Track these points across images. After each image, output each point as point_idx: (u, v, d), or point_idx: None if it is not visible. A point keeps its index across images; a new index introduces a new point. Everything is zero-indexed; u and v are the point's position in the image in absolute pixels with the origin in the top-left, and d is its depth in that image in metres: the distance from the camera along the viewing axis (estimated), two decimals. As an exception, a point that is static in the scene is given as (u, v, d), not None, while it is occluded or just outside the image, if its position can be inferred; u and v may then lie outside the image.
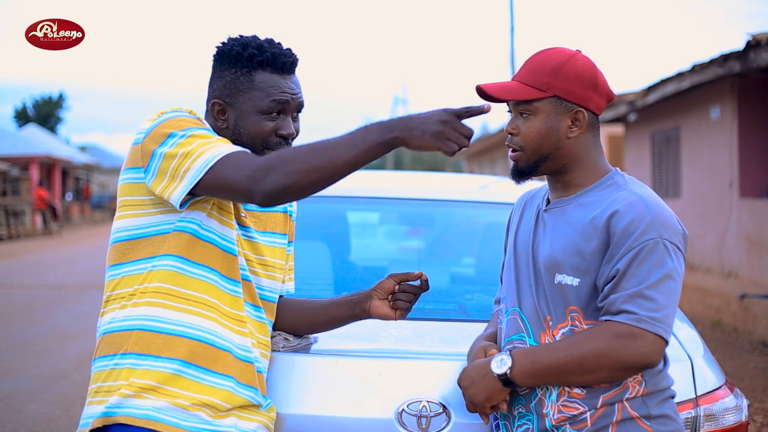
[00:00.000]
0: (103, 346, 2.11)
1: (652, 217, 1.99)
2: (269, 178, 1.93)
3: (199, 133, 2.03)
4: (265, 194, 1.95)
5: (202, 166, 1.98)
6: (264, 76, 2.14)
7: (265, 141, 2.15)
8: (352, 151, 1.94)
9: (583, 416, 2.03)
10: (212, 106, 2.17)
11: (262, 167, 1.94)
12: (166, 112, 2.12)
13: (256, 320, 2.20)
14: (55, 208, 32.51)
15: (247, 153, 2.01)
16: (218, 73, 2.18)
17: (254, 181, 1.94)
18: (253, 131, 2.14)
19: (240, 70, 2.14)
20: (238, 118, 2.15)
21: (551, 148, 2.10)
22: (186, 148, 2.00)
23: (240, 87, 2.14)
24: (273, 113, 2.15)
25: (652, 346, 1.95)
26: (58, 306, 11.02)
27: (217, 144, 2.01)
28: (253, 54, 2.13)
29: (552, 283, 2.07)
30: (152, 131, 2.05)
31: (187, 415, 2.04)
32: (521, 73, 2.13)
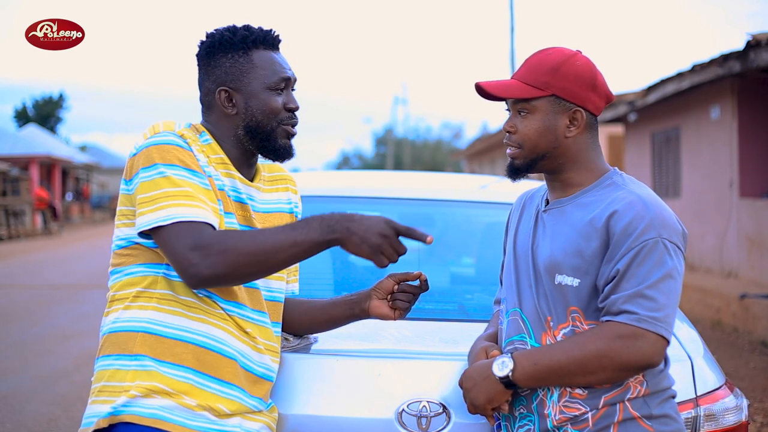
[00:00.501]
0: (107, 345, 2.11)
1: (652, 217, 1.99)
2: (207, 262, 1.97)
3: (174, 176, 2.03)
4: (198, 278, 1.99)
5: (155, 220, 2.00)
6: (261, 54, 2.19)
7: (278, 116, 2.18)
8: (291, 249, 2.00)
9: (584, 416, 2.03)
10: (219, 94, 2.18)
11: (205, 248, 1.97)
12: (158, 131, 2.13)
13: (261, 326, 2.20)
14: (55, 208, 32.52)
15: (200, 226, 2.00)
16: (213, 64, 2.19)
17: (192, 261, 1.97)
18: (266, 108, 2.17)
19: (236, 53, 2.17)
20: (248, 99, 2.17)
21: (549, 147, 2.10)
22: (153, 192, 2.02)
23: (242, 69, 2.17)
24: (279, 89, 2.19)
25: (653, 346, 1.95)
26: (58, 306, 11.03)
27: (180, 201, 2.01)
28: (245, 35, 2.18)
29: (552, 284, 2.07)
30: (142, 152, 2.07)
31: (193, 415, 2.04)
32: (520, 71, 2.14)
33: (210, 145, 2.18)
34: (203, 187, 2.06)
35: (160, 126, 2.16)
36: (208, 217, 2.01)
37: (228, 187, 2.16)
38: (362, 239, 1.97)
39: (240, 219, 2.17)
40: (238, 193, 2.19)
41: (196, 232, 1.98)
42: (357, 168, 61.24)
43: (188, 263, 1.97)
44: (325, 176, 4.27)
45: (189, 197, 2.02)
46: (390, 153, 54.37)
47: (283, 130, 2.20)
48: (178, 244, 1.98)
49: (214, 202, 2.07)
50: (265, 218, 2.25)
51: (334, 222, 1.99)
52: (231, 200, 2.16)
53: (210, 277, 1.99)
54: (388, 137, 57.82)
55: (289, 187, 2.37)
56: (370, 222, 1.99)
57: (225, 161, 2.18)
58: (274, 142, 2.19)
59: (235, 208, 2.17)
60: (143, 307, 2.08)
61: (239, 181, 2.20)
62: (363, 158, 64.97)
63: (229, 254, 1.97)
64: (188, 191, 2.03)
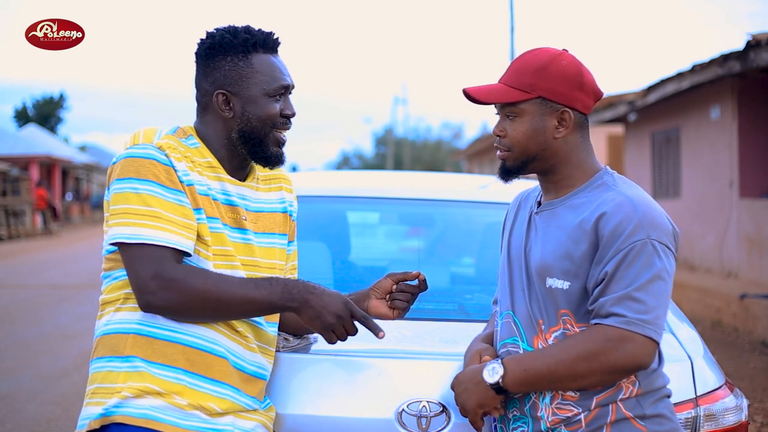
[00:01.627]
0: (100, 347, 2.12)
1: (640, 218, 1.98)
2: (163, 294, 2.00)
3: (145, 194, 2.03)
4: (150, 306, 2.03)
5: (120, 235, 2.02)
6: (261, 59, 2.17)
7: (273, 123, 2.18)
8: (247, 305, 2.05)
9: (577, 418, 2.02)
10: (216, 97, 2.16)
11: (165, 281, 2.00)
12: (137, 142, 2.14)
13: (254, 325, 2.19)
14: (55, 208, 32.51)
15: (163, 252, 2.01)
16: (212, 66, 2.17)
17: (149, 288, 2.00)
18: (263, 114, 2.16)
19: (236, 56, 2.16)
20: (245, 104, 2.16)
21: (538, 149, 2.10)
22: (122, 206, 2.04)
23: (242, 73, 2.15)
24: (278, 95, 2.18)
25: (642, 349, 1.94)
26: (58, 306, 11.03)
27: (146, 221, 2.02)
28: (245, 38, 2.16)
29: (543, 287, 2.07)
30: (119, 162, 2.08)
31: (185, 415, 2.04)
32: (506, 75, 2.13)
33: (198, 149, 2.17)
34: (176, 204, 2.06)
35: (140, 135, 2.17)
36: (174, 241, 2.03)
37: (216, 190, 2.15)
38: (317, 314, 2.06)
39: (230, 222, 2.16)
40: (227, 196, 2.18)
41: (158, 259, 2.00)
42: (357, 168, 61.23)
43: (145, 289, 2.00)
44: (325, 176, 4.27)
45: (156, 218, 2.02)
46: (390, 153, 54.37)
47: (274, 137, 2.18)
48: (139, 267, 2.01)
49: (187, 218, 2.07)
50: (258, 217, 2.25)
51: (296, 291, 2.06)
52: (219, 203, 2.15)
53: (162, 308, 2.04)
54: (388, 137, 57.82)
55: (283, 187, 2.36)
56: (330, 300, 2.07)
57: (213, 164, 2.17)
58: (266, 149, 2.19)
59: (223, 211, 2.16)
60: (133, 309, 2.09)
61: (229, 183, 2.19)
62: (363, 158, 64.97)
63: (186, 295, 2.01)
64: (156, 212, 2.03)
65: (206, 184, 2.14)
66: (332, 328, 2.07)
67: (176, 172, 2.08)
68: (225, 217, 2.16)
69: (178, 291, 2.00)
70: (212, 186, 2.15)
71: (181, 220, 2.05)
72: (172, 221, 2.03)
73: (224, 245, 2.13)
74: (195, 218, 2.08)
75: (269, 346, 2.24)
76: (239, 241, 2.17)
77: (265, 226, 2.26)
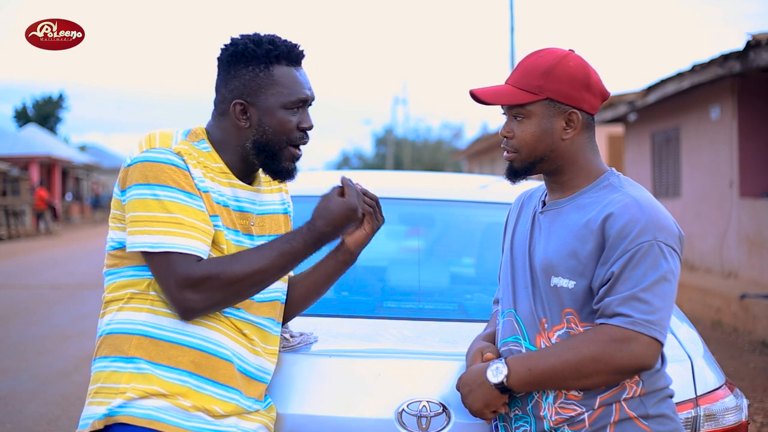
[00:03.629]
0: (104, 347, 2.11)
1: (647, 220, 1.98)
2: (201, 296, 2.02)
3: (166, 200, 2.03)
4: (193, 311, 2.04)
5: (144, 244, 2.03)
6: (282, 71, 2.15)
7: (289, 136, 2.16)
8: (287, 259, 2.12)
9: (580, 417, 2.03)
10: (234, 107, 2.14)
11: (197, 284, 2.01)
12: (154, 146, 2.11)
13: (260, 328, 2.19)
14: (55, 208, 32.51)
15: (189, 259, 2.02)
16: (232, 73, 2.15)
17: (185, 297, 2.01)
18: (278, 128, 2.15)
19: (257, 66, 2.13)
20: (262, 115, 2.14)
21: (546, 150, 2.10)
22: (144, 213, 2.03)
23: (261, 84, 2.13)
24: (295, 108, 2.16)
25: (647, 349, 1.94)
26: (58, 306, 11.03)
27: (169, 228, 2.01)
28: (268, 49, 2.13)
29: (548, 286, 2.07)
30: (137, 166, 2.06)
31: (188, 416, 2.04)
32: (513, 76, 2.13)
33: (209, 154, 2.15)
34: (196, 209, 2.05)
35: (156, 138, 2.13)
36: (197, 248, 2.03)
37: (227, 197, 2.15)
38: (338, 219, 2.14)
39: (240, 228, 2.17)
40: (239, 202, 2.18)
41: (185, 266, 2.00)
42: (357, 168, 61.23)
43: (181, 300, 2.02)
44: (326, 176, 4.26)
45: (179, 225, 2.02)
46: (390, 153, 54.37)
47: (290, 152, 2.17)
48: (168, 278, 2.01)
49: (207, 223, 2.07)
50: (264, 220, 2.25)
51: (309, 225, 2.14)
52: (231, 210, 2.15)
53: (204, 309, 2.05)
54: (388, 137, 57.82)
55: (281, 187, 2.36)
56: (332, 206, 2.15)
57: (224, 170, 2.16)
58: (279, 164, 2.17)
59: (235, 218, 2.16)
60: (138, 309, 2.08)
61: (240, 188, 2.18)
62: (363, 158, 64.96)
63: (226, 287, 2.03)
64: (179, 218, 2.02)
65: (218, 191, 2.13)
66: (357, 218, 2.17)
67: (193, 178, 2.08)
68: (236, 224, 2.16)
69: (215, 287, 2.01)
70: (224, 192, 2.15)
71: (202, 225, 2.05)
72: (194, 227, 2.03)
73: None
74: (212, 224, 2.08)
75: (272, 346, 2.24)
76: (248, 247, 2.17)
77: (270, 228, 2.26)
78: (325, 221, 2.12)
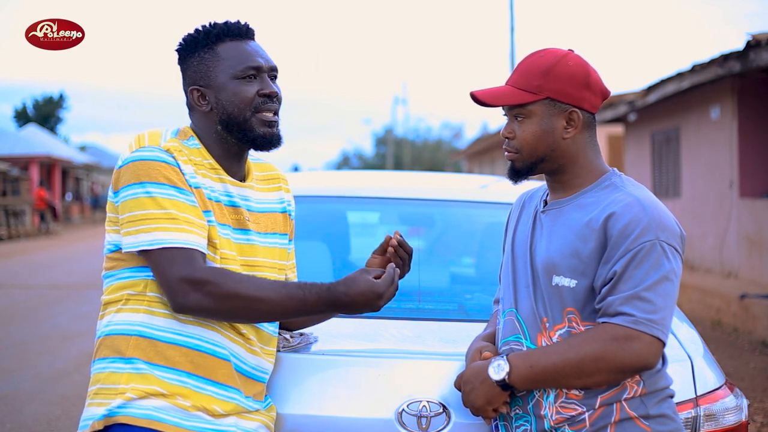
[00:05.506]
0: (102, 348, 2.12)
1: (650, 219, 1.98)
2: (196, 296, 1.99)
3: (159, 197, 2.03)
4: (184, 307, 2.02)
5: (140, 243, 2.02)
6: (227, 46, 2.16)
7: (251, 104, 2.15)
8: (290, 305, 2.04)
9: (581, 417, 2.03)
10: (191, 93, 2.18)
11: (195, 281, 1.99)
12: (143, 145, 2.12)
13: (257, 327, 2.19)
14: (55, 208, 32.52)
15: (190, 254, 2.00)
16: (185, 66, 2.19)
17: (181, 290, 1.99)
18: (236, 99, 2.14)
19: (202, 50, 2.16)
20: (218, 92, 2.15)
21: (547, 150, 2.10)
22: (137, 212, 2.02)
23: (209, 64, 2.16)
24: (248, 77, 2.16)
25: (649, 348, 1.94)
26: (58, 306, 11.03)
27: (164, 224, 2.01)
28: (207, 30, 2.17)
29: (549, 285, 2.07)
30: (128, 166, 2.07)
31: (188, 416, 2.04)
32: (513, 76, 2.13)
33: (199, 150, 2.16)
34: (189, 204, 2.05)
35: (145, 138, 2.14)
36: (195, 242, 2.02)
37: (219, 192, 2.15)
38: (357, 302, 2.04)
39: (233, 223, 2.17)
40: (230, 197, 2.18)
41: (186, 260, 1.99)
42: (357, 168, 61.25)
43: (176, 291, 2.00)
44: (325, 176, 4.27)
45: (173, 220, 2.02)
46: (390, 153, 54.37)
47: (257, 119, 2.15)
48: (167, 271, 2.00)
49: (200, 218, 2.06)
50: (259, 218, 2.25)
51: (331, 287, 2.05)
52: (223, 205, 2.15)
53: (195, 310, 2.03)
54: (388, 137, 57.82)
55: (281, 186, 2.36)
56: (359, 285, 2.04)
57: (214, 166, 2.17)
58: (252, 132, 2.16)
59: (227, 213, 2.15)
60: (135, 310, 2.09)
61: (230, 184, 2.19)
62: (363, 158, 64.97)
63: (221, 298, 2.00)
64: (172, 214, 2.02)
65: (210, 187, 2.14)
66: (376, 306, 2.05)
67: (184, 175, 2.08)
68: (229, 218, 2.16)
69: (211, 294, 1.99)
70: (215, 188, 2.15)
71: (196, 220, 2.05)
72: (188, 221, 2.03)
73: (230, 249, 2.13)
74: (206, 219, 2.09)
75: (270, 347, 2.24)
76: (242, 242, 2.17)
77: (266, 226, 2.26)
78: (346, 291, 2.04)
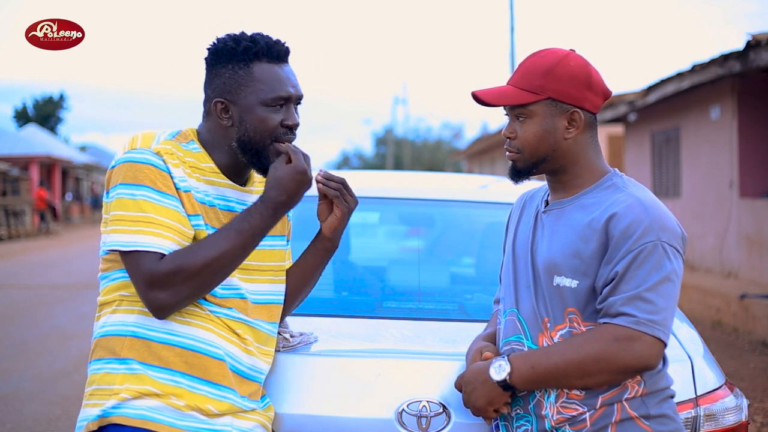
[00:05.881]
0: (98, 349, 2.12)
1: (651, 220, 1.98)
2: (163, 295, 2.00)
3: (141, 199, 2.03)
4: (156, 307, 2.03)
5: (116, 243, 2.03)
6: (262, 68, 2.13)
7: (272, 133, 2.14)
8: (248, 238, 2.07)
9: (582, 417, 2.03)
10: (215, 105, 2.15)
11: (161, 277, 1.99)
12: (136, 146, 2.13)
13: (253, 327, 2.19)
14: (55, 208, 32.51)
15: (154, 257, 2.01)
16: (215, 72, 2.16)
17: (149, 293, 2.00)
18: (259, 125, 2.13)
19: (237, 64, 2.13)
20: (243, 113, 2.13)
21: (549, 150, 2.10)
22: (119, 213, 2.03)
23: (240, 82, 2.13)
24: (277, 105, 2.15)
25: (650, 349, 1.95)
26: (58, 306, 11.03)
27: (140, 228, 2.01)
28: (247, 46, 2.13)
29: (550, 285, 2.07)
30: (119, 167, 2.07)
31: (182, 415, 2.04)
32: (515, 77, 2.13)
33: (199, 154, 2.16)
34: (170, 208, 2.05)
35: (138, 140, 2.15)
36: (163, 245, 2.02)
37: (213, 196, 2.15)
38: (287, 186, 2.08)
39: None
40: (226, 201, 2.17)
41: (149, 264, 2.00)
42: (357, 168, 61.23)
43: (151, 299, 2.01)
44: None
45: (149, 224, 2.02)
46: (390, 153, 54.38)
47: (274, 148, 2.15)
48: (137, 278, 2.01)
49: (181, 223, 2.06)
50: None
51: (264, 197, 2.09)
52: (218, 209, 2.15)
53: (165, 307, 2.03)
54: (388, 137, 57.83)
55: None
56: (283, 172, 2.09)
57: (215, 170, 2.17)
58: (266, 161, 2.15)
59: (222, 217, 2.15)
60: (129, 311, 2.09)
61: (230, 189, 2.18)
62: (363, 158, 64.98)
63: (192, 278, 2.00)
64: (150, 217, 2.02)
65: (203, 191, 2.13)
66: (308, 180, 2.11)
67: (173, 178, 2.07)
68: (223, 222, 2.14)
69: (181, 280, 1.99)
70: (210, 192, 2.14)
71: (175, 225, 2.04)
72: (166, 226, 2.03)
73: None
74: (191, 225, 2.08)
75: (267, 347, 2.24)
76: None
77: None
78: (277, 191, 2.07)
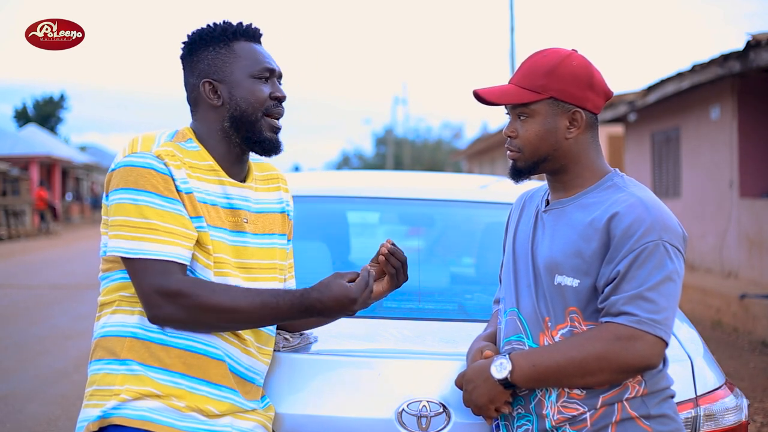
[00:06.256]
0: (98, 349, 2.12)
1: (653, 220, 1.99)
2: (169, 308, 2.00)
3: (144, 205, 2.02)
4: (158, 318, 2.03)
5: (120, 249, 2.02)
6: (242, 45, 2.19)
7: (263, 105, 2.17)
8: (265, 313, 2.05)
9: (582, 417, 2.03)
10: (203, 86, 2.17)
11: (168, 293, 1.99)
12: (136, 150, 2.13)
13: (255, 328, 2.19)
14: (55, 208, 32.52)
15: (166, 266, 2.00)
16: (196, 59, 2.19)
17: (155, 302, 2.00)
18: (250, 97, 2.16)
19: (217, 45, 2.17)
20: (232, 88, 2.16)
21: (550, 150, 2.10)
22: (121, 218, 2.03)
23: (224, 60, 2.17)
24: (263, 78, 2.18)
25: (652, 348, 1.95)
26: (58, 306, 11.03)
27: (145, 234, 2.01)
28: (225, 27, 2.18)
29: (552, 284, 2.07)
30: (119, 171, 2.07)
31: (182, 416, 2.04)
32: (517, 76, 2.13)
33: (198, 152, 2.16)
34: (174, 213, 2.05)
35: (138, 142, 2.15)
36: (173, 253, 2.02)
37: (216, 195, 2.15)
38: (330, 307, 2.06)
39: (229, 225, 2.16)
40: (228, 199, 2.17)
41: (161, 272, 2.00)
42: (357, 168, 61.25)
43: (150, 303, 2.01)
44: (325, 176, 4.27)
45: (153, 231, 2.02)
46: (390, 153, 54.38)
47: (267, 122, 2.17)
48: (142, 281, 2.01)
49: (186, 227, 2.06)
50: (259, 218, 2.24)
51: (305, 293, 2.06)
52: (219, 208, 2.15)
53: (168, 321, 2.04)
54: (388, 137, 57.83)
55: (280, 186, 2.36)
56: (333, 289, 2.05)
57: (214, 167, 2.16)
58: (259, 134, 2.17)
59: (224, 215, 2.15)
60: (129, 312, 2.09)
61: (230, 186, 2.18)
62: (363, 158, 64.97)
63: (194, 310, 2.01)
64: (154, 224, 2.02)
65: (205, 190, 2.13)
66: (351, 311, 2.07)
67: (174, 181, 2.07)
68: (225, 221, 2.15)
69: (184, 305, 2.00)
70: (212, 191, 2.14)
71: (179, 230, 2.04)
72: (170, 232, 2.03)
73: (225, 253, 2.13)
74: (194, 228, 2.08)
75: (267, 347, 2.24)
76: (238, 245, 2.17)
77: (265, 226, 2.26)
78: (319, 296, 2.05)
